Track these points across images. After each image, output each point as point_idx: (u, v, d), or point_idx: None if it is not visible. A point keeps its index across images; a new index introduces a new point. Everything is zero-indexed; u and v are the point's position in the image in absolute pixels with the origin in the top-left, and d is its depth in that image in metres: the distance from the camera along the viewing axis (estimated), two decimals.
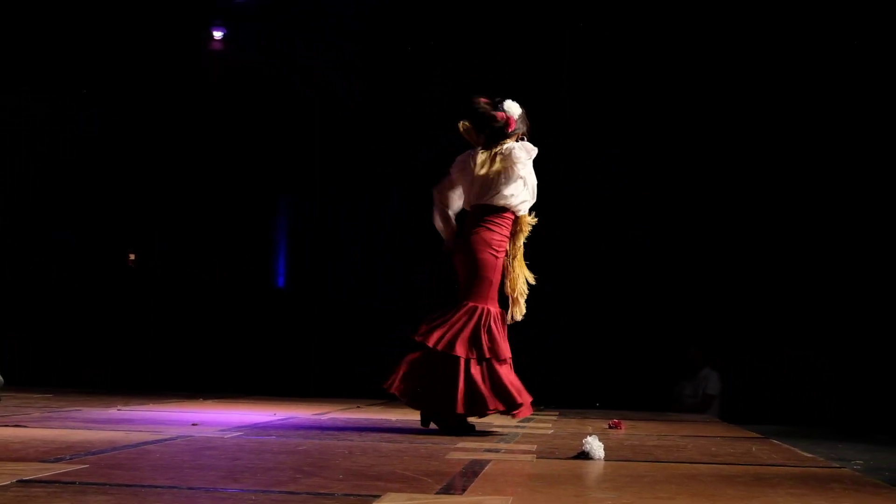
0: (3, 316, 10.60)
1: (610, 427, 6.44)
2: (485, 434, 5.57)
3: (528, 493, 3.29)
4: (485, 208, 5.74)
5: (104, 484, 3.13)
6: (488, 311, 5.68)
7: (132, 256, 11.08)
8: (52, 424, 5.35)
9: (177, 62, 11.16)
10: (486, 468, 3.87)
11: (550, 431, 5.98)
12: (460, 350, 5.50)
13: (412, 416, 6.86)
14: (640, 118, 10.58)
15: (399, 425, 6.17)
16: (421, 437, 5.32)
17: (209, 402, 8.14)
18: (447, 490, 3.26)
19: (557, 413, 8.11)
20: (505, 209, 5.74)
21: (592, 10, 10.56)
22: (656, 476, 3.91)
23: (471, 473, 3.69)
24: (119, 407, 7.00)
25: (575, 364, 10.45)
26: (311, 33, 10.95)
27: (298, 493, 3.09)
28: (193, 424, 5.61)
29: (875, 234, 9.98)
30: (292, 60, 11.05)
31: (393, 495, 3.06)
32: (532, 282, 5.85)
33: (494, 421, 6.70)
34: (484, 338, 5.59)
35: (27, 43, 10.93)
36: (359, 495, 3.08)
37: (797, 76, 10.24)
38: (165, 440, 4.63)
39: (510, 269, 5.81)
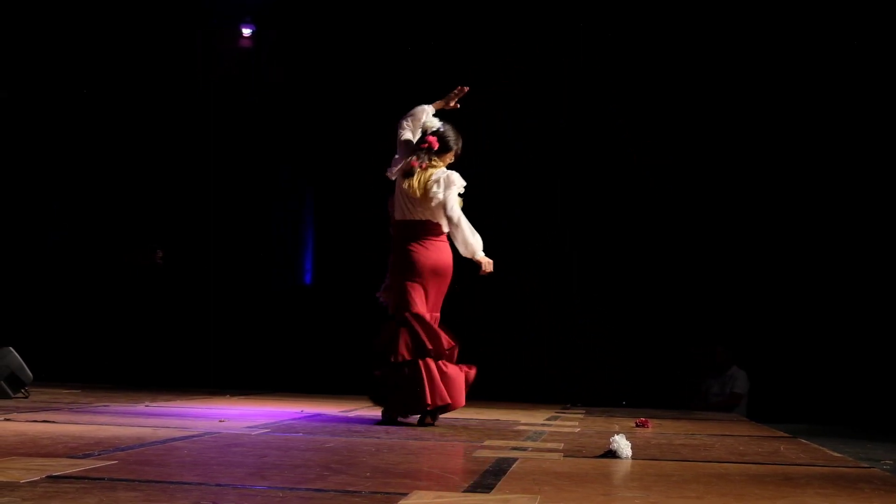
0: (32, 312, 10.67)
1: (637, 425, 6.42)
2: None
3: (555, 491, 3.29)
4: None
5: (133, 480, 3.14)
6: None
7: (160, 254, 11.11)
8: (80, 420, 5.38)
9: (196, 59, 11.20)
10: (514, 466, 3.87)
11: (577, 430, 5.97)
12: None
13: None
14: (665, 113, 10.54)
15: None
16: (448, 434, 5.33)
17: (236, 398, 8.17)
18: (474, 488, 3.26)
19: (584, 411, 8.10)
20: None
21: (597, 7, 10.54)
22: (684, 475, 3.90)
23: (498, 471, 3.69)
24: (147, 403, 7.04)
25: (601, 362, 10.42)
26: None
27: (326, 491, 3.09)
28: (221, 421, 5.63)
29: None
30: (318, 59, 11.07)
31: (420, 493, 3.06)
32: None
33: (521, 419, 6.71)
34: None
35: (31, 41, 10.99)
36: (386, 493, 3.08)
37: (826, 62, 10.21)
38: (193, 437, 4.65)
39: None
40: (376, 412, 6.97)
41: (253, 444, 4.47)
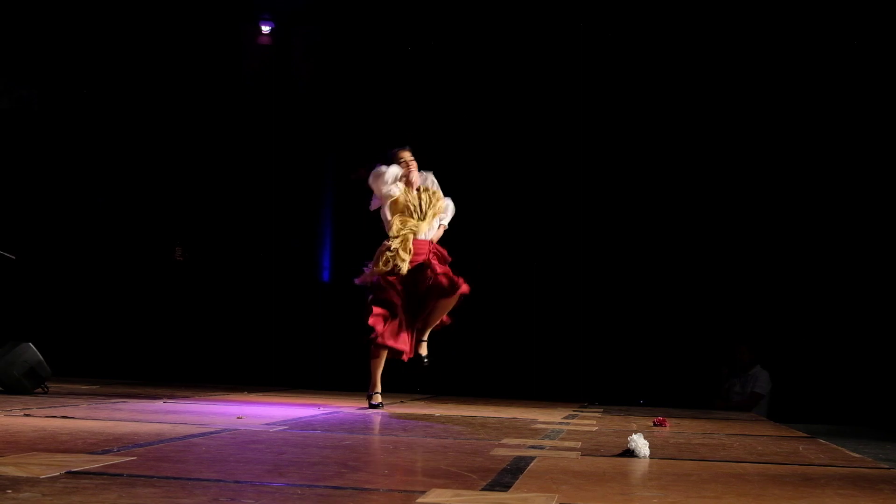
0: (51, 308, 10.72)
1: (655, 424, 6.40)
2: None
3: (573, 490, 3.28)
4: None
5: (152, 476, 3.15)
6: None
7: (179, 250, 11.15)
8: (99, 416, 5.40)
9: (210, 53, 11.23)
10: (531, 465, 3.86)
11: (595, 428, 5.96)
12: None
13: (456, 412, 6.87)
14: (672, 111, 10.53)
15: (443, 421, 6.17)
16: (465, 432, 5.32)
17: (253, 395, 8.19)
18: (492, 486, 3.25)
19: (601, 410, 8.09)
20: None
21: (598, 8, 10.54)
22: (702, 475, 3.89)
23: (515, 470, 3.68)
24: (165, 399, 7.05)
25: (619, 361, 10.41)
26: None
27: (343, 488, 3.09)
28: (238, 418, 5.64)
29: None
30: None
31: (438, 491, 3.05)
32: None
33: (539, 417, 6.70)
34: None
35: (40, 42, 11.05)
36: (403, 491, 3.08)
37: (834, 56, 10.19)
38: (211, 433, 4.66)
39: None
40: (393, 409, 6.98)
41: (271, 440, 4.48)
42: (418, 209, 7.07)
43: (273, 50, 11.29)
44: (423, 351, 7.17)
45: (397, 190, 7.05)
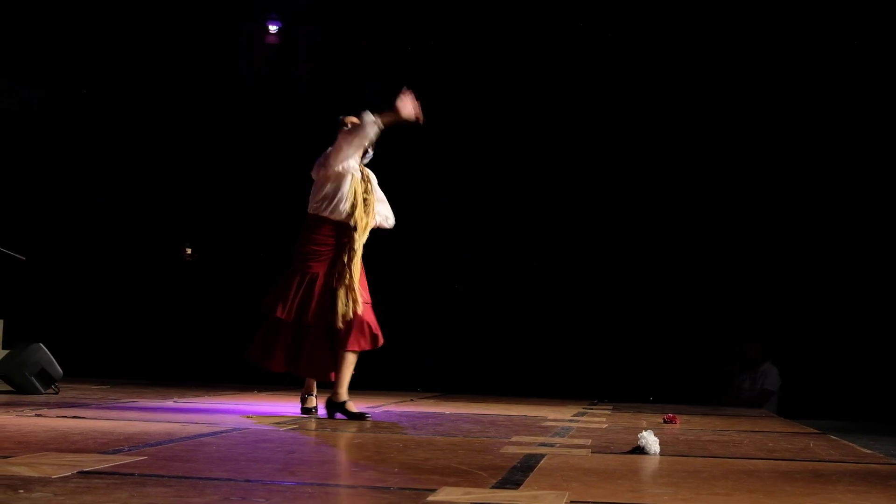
0: (62, 309, 10.73)
1: (665, 421, 6.40)
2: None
3: (583, 487, 3.28)
4: None
5: (163, 476, 3.15)
6: None
7: (188, 250, 11.16)
8: (110, 416, 5.41)
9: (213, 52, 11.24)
10: (542, 462, 3.86)
11: (605, 426, 5.96)
12: None
13: (466, 410, 6.87)
14: (681, 107, 10.51)
15: (453, 419, 6.17)
16: (476, 430, 5.33)
17: (264, 394, 8.19)
18: (503, 484, 3.25)
19: (611, 407, 8.09)
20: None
21: (598, 9, 10.52)
22: (713, 472, 3.89)
23: (526, 468, 3.68)
24: (175, 399, 7.07)
25: (629, 358, 10.40)
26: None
27: (355, 487, 3.10)
28: (249, 417, 5.65)
29: None
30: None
31: (448, 489, 3.06)
32: None
33: (549, 415, 6.70)
34: None
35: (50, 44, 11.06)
36: (415, 489, 3.08)
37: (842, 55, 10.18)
38: (221, 432, 4.67)
39: None
40: (403, 408, 6.99)
41: (281, 439, 4.48)
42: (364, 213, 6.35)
43: (273, 50, 11.28)
44: (353, 408, 5.85)
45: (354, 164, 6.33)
